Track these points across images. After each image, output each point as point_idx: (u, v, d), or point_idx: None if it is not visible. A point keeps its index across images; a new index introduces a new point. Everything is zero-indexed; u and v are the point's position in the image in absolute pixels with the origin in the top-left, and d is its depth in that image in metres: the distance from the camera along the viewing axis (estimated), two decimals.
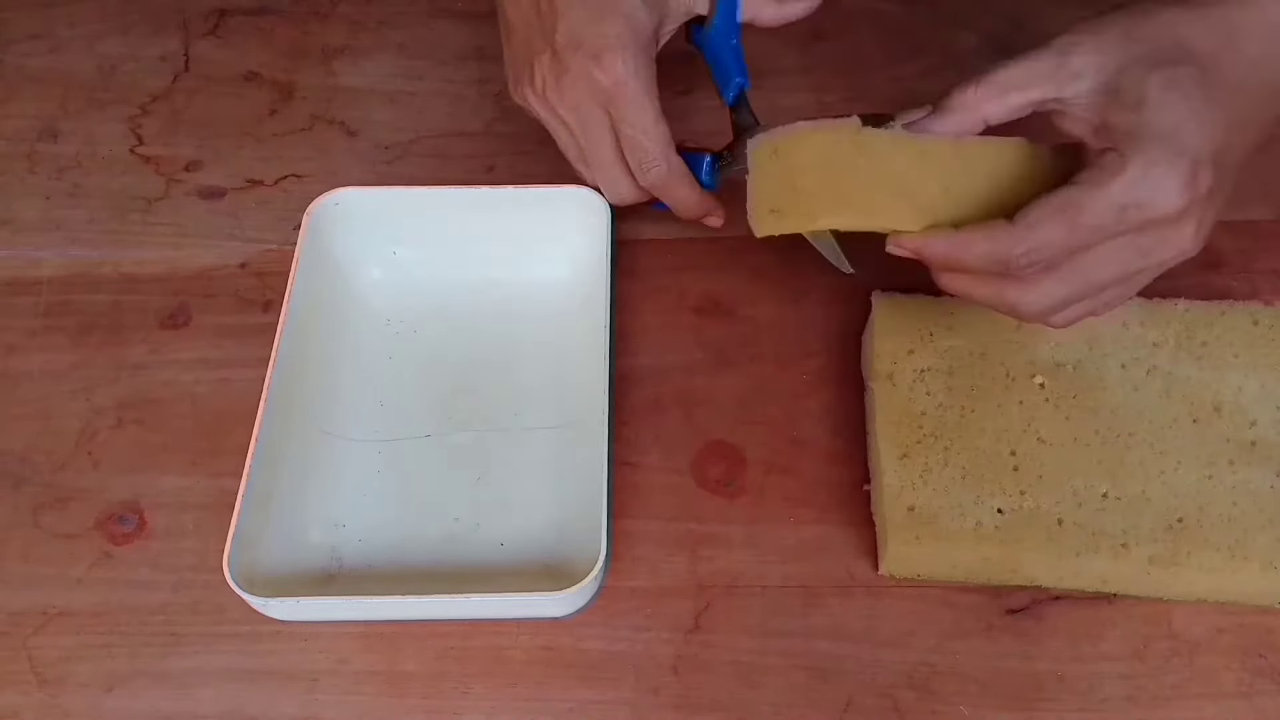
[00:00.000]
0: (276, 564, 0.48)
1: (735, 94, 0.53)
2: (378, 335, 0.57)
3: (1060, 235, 0.41)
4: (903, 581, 0.49)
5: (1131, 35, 0.41)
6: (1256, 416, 0.50)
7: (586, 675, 0.47)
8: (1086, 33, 0.42)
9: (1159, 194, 0.40)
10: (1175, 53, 0.40)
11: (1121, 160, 0.40)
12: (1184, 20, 0.41)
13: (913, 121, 0.44)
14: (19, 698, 0.47)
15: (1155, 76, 0.40)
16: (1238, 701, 0.46)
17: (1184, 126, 0.40)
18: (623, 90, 0.49)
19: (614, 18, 0.48)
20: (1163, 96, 0.40)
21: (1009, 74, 0.43)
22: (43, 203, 0.63)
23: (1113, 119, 0.41)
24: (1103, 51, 0.41)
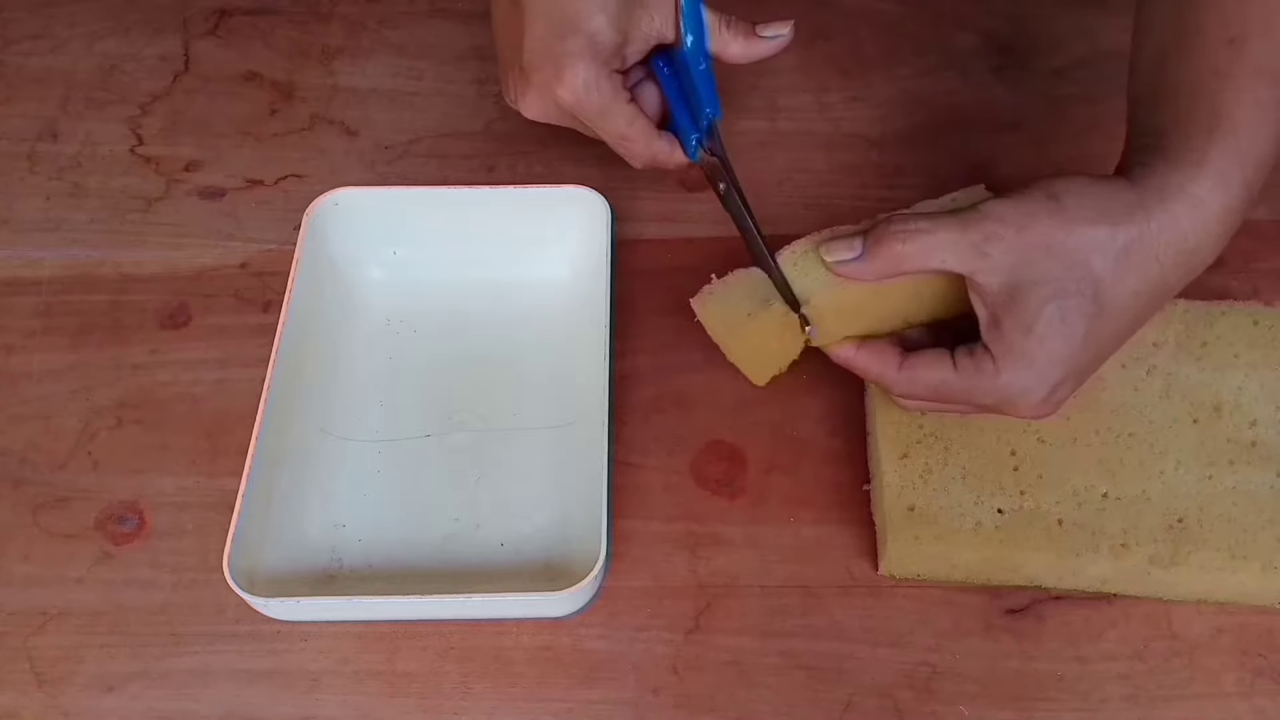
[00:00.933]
0: (276, 564, 0.48)
1: (707, 124, 0.52)
2: (378, 335, 0.57)
3: (930, 397, 0.47)
4: (902, 581, 0.49)
5: (1051, 250, 0.42)
6: (1256, 417, 0.50)
7: (586, 675, 0.47)
8: (1011, 228, 0.43)
9: (1017, 406, 0.45)
10: (1079, 280, 0.43)
11: (995, 371, 0.44)
12: (1100, 243, 0.42)
13: (840, 262, 0.46)
14: (19, 698, 0.47)
15: (1051, 309, 0.43)
16: (1238, 701, 0.46)
17: (1057, 360, 0.43)
18: (585, 105, 0.50)
19: (575, 35, 0.48)
20: (1050, 329, 0.43)
21: (935, 242, 0.44)
22: (43, 203, 0.63)
23: (1005, 328, 0.44)
24: (1019, 257, 0.43)
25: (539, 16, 0.49)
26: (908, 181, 0.63)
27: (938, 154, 0.64)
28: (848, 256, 0.46)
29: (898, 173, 0.63)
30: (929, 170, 0.63)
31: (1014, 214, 0.43)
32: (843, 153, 0.64)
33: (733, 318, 0.49)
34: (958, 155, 0.64)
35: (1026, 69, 0.67)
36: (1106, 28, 0.68)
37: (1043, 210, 0.43)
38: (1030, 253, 0.43)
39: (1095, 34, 0.68)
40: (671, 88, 0.53)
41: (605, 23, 0.48)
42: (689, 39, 0.50)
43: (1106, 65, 0.67)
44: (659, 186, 0.62)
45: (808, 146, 0.64)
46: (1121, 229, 0.42)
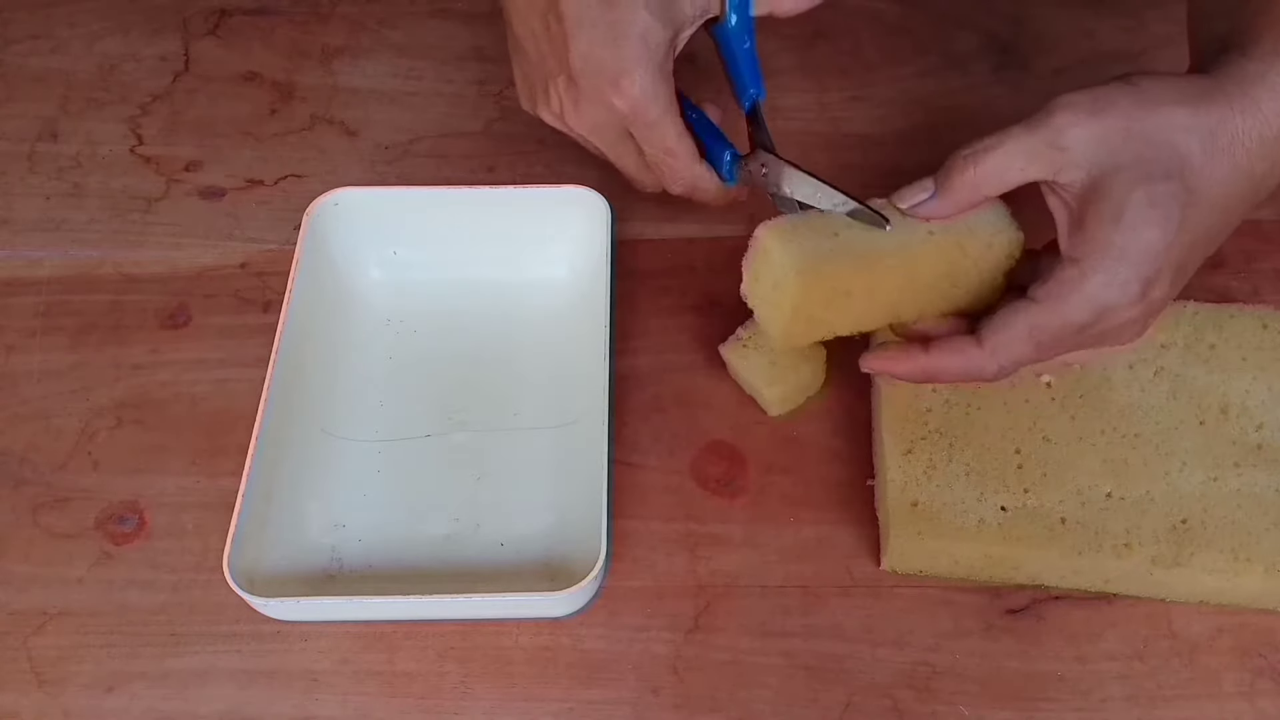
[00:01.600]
0: (276, 564, 0.48)
1: (750, 105, 0.52)
2: (378, 335, 0.57)
3: (1027, 352, 0.44)
4: (903, 581, 0.49)
5: (1132, 133, 0.41)
6: (1263, 420, 0.50)
7: (586, 675, 0.47)
8: (1085, 113, 0.41)
9: (1115, 312, 0.42)
10: (1167, 163, 0.41)
11: (1081, 276, 0.42)
12: (1182, 124, 0.41)
13: (916, 205, 0.45)
14: (19, 698, 0.47)
15: (1140, 193, 0.40)
16: (1238, 701, 0.46)
17: (1151, 249, 0.41)
18: (641, 114, 0.49)
19: (629, 40, 0.47)
20: (1141, 215, 0.40)
21: (1006, 154, 0.42)
22: (43, 203, 0.63)
23: (1090, 224, 0.41)
24: (1100, 144, 0.41)
25: (584, 24, 0.47)
26: (908, 181, 0.62)
27: (938, 154, 0.63)
28: (921, 197, 0.44)
29: (898, 173, 0.63)
30: (929, 170, 0.62)
31: (1086, 100, 0.41)
32: (843, 153, 0.64)
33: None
34: None
35: (1026, 69, 0.67)
36: (1106, 28, 0.68)
37: (1119, 94, 0.41)
38: (1110, 137, 0.41)
39: (1095, 34, 0.68)
40: (700, 126, 0.53)
41: (651, 20, 0.47)
42: (733, 17, 0.50)
43: (1106, 65, 0.67)
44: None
45: (808, 146, 0.64)
46: (1204, 110, 0.41)
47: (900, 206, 0.45)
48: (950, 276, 0.47)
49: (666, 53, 0.49)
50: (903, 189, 0.45)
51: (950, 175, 0.44)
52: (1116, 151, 0.41)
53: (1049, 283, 0.42)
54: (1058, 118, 0.42)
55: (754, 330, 0.53)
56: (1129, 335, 0.43)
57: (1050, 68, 0.67)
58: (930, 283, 0.47)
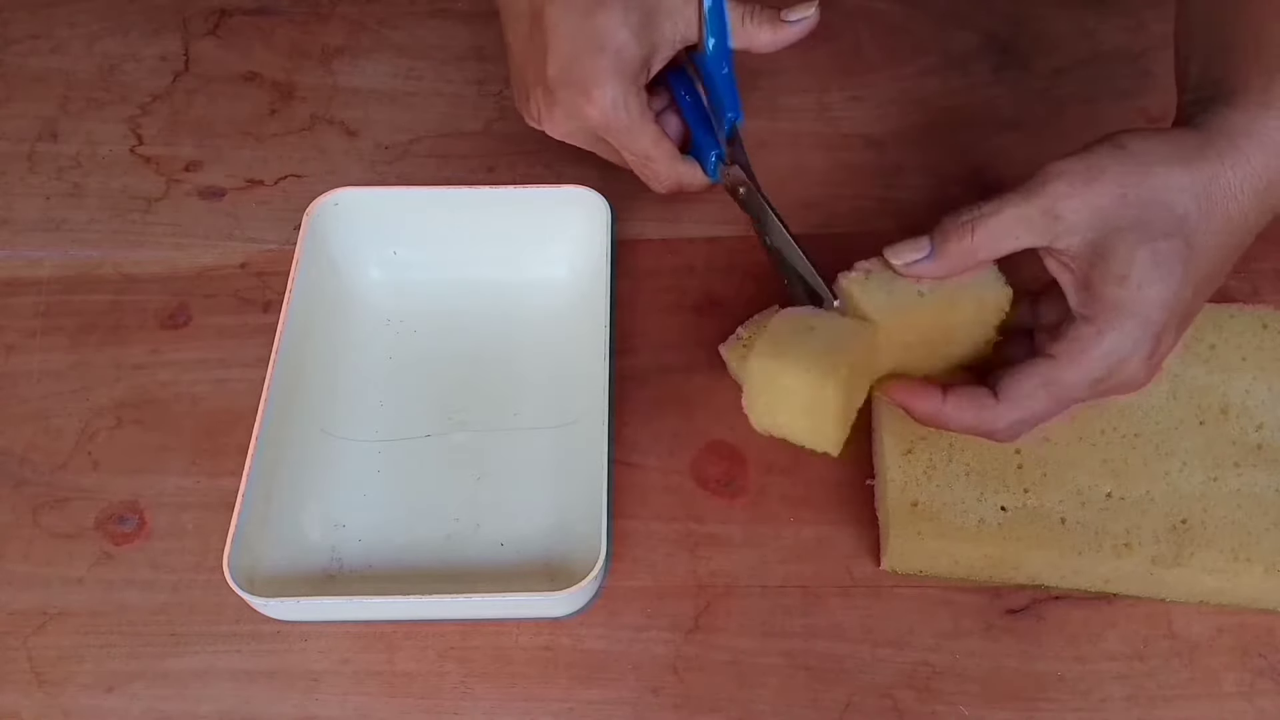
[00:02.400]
0: (276, 564, 0.48)
1: (729, 128, 0.53)
2: (378, 335, 0.57)
3: (1041, 406, 0.44)
4: (903, 580, 0.49)
5: (1128, 199, 0.41)
6: (1263, 420, 0.49)
7: (586, 675, 0.47)
8: (1079, 183, 0.42)
9: (1127, 368, 0.43)
10: (1165, 223, 0.41)
11: (1098, 334, 0.42)
12: (1176, 184, 0.41)
13: (910, 264, 0.45)
14: (19, 698, 0.47)
15: (1143, 252, 0.41)
16: (1238, 701, 0.46)
17: (1159, 307, 0.42)
18: (612, 124, 0.50)
19: (602, 53, 0.48)
20: (1147, 274, 0.41)
21: (1002, 222, 0.43)
22: (43, 203, 0.63)
23: (1097, 285, 0.42)
24: (1096, 211, 0.41)
25: (563, 37, 0.48)
26: (908, 181, 0.63)
27: (938, 154, 0.64)
28: (916, 257, 0.45)
29: (898, 173, 0.63)
30: (929, 170, 0.63)
31: (1079, 168, 0.42)
32: (843, 153, 0.64)
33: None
34: (958, 155, 0.64)
35: (1026, 69, 0.67)
36: (1106, 28, 0.68)
37: (1110, 160, 0.42)
38: (1105, 205, 0.41)
39: (1095, 34, 0.68)
40: (691, 112, 0.54)
41: (629, 37, 0.48)
42: (711, 41, 0.51)
43: (1106, 65, 0.67)
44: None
45: (808, 146, 0.64)
46: (1196, 168, 0.41)
47: (895, 263, 0.45)
48: (945, 334, 0.48)
49: (639, 68, 0.50)
50: (898, 245, 0.45)
51: (947, 240, 0.44)
52: (1114, 217, 0.41)
53: (1063, 340, 0.43)
54: (1052, 187, 0.42)
55: (754, 330, 0.53)
56: (1138, 384, 0.44)
57: (1050, 68, 0.67)
58: (926, 342, 0.48)
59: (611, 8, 0.48)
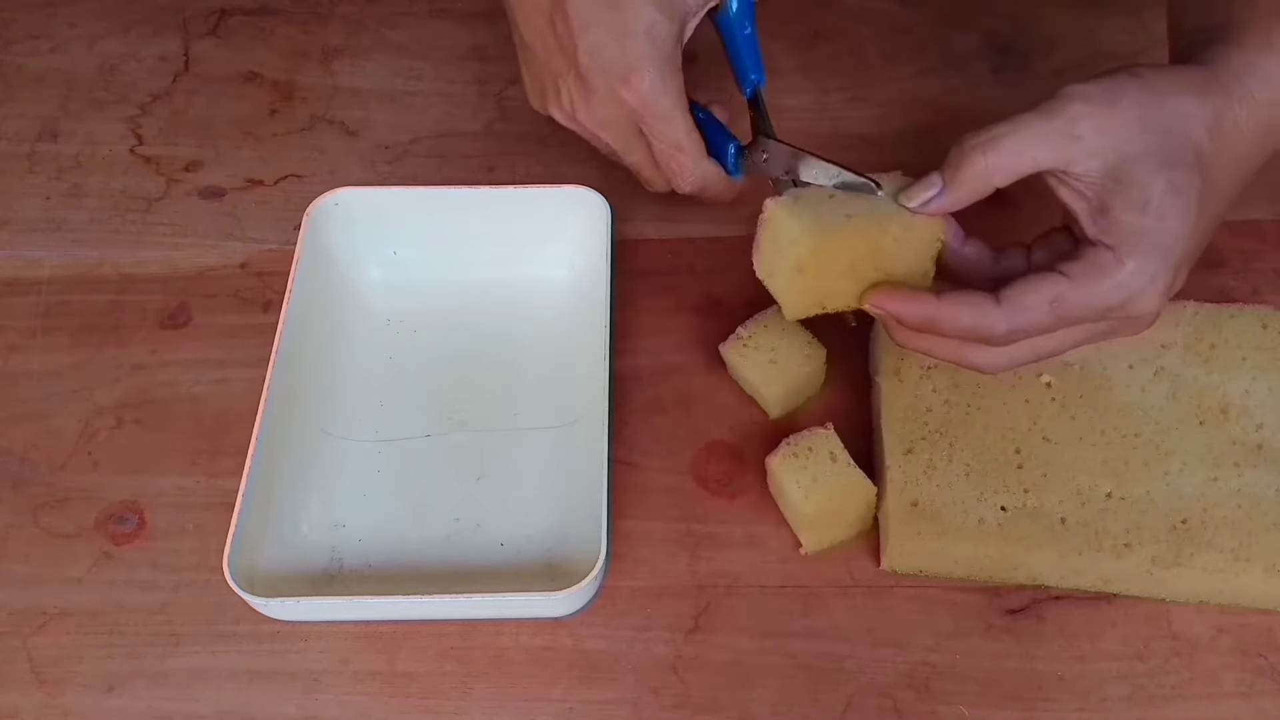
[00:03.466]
0: (276, 564, 0.48)
1: (751, 91, 0.52)
2: (378, 335, 0.57)
3: (1044, 321, 0.43)
4: (902, 581, 0.49)
5: (1146, 123, 0.41)
6: (1263, 420, 0.49)
7: (586, 675, 0.47)
8: (1099, 104, 0.41)
9: (1142, 299, 0.42)
10: (1183, 151, 0.41)
11: (1117, 262, 0.41)
12: (1192, 113, 0.41)
13: (925, 202, 0.44)
14: (19, 698, 0.47)
15: (1162, 180, 0.41)
16: (1238, 701, 0.46)
17: (1177, 237, 0.41)
18: (652, 109, 0.49)
19: (636, 36, 0.47)
20: (1166, 203, 0.41)
21: (1021, 141, 0.42)
22: (43, 203, 0.63)
23: (1116, 211, 0.41)
24: (1116, 135, 0.41)
25: (590, 24, 0.47)
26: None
27: (938, 154, 0.63)
28: (930, 194, 0.44)
29: None
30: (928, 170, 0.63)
31: (1098, 91, 0.42)
32: (843, 153, 0.63)
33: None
34: None
35: (1026, 69, 0.67)
36: (1106, 28, 0.68)
37: (1129, 84, 0.42)
38: (1126, 127, 0.41)
39: (1095, 34, 0.68)
40: (708, 124, 0.53)
41: (656, 13, 0.47)
42: (734, 3, 0.50)
43: (1106, 65, 0.66)
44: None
45: (807, 146, 0.64)
46: (1207, 100, 0.41)
47: (909, 206, 0.45)
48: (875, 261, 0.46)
49: (674, 46, 0.49)
50: (910, 188, 0.45)
51: (961, 166, 0.43)
52: (1132, 140, 0.41)
53: (1080, 262, 0.42)
54: (1072, 107, 0.41)
55: (754, 330, 0.53)
56: (1143, 325, 0.43)
57: (1050, 68, 0.67)
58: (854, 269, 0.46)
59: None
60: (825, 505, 0.48)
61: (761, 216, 0.47)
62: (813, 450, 0.49)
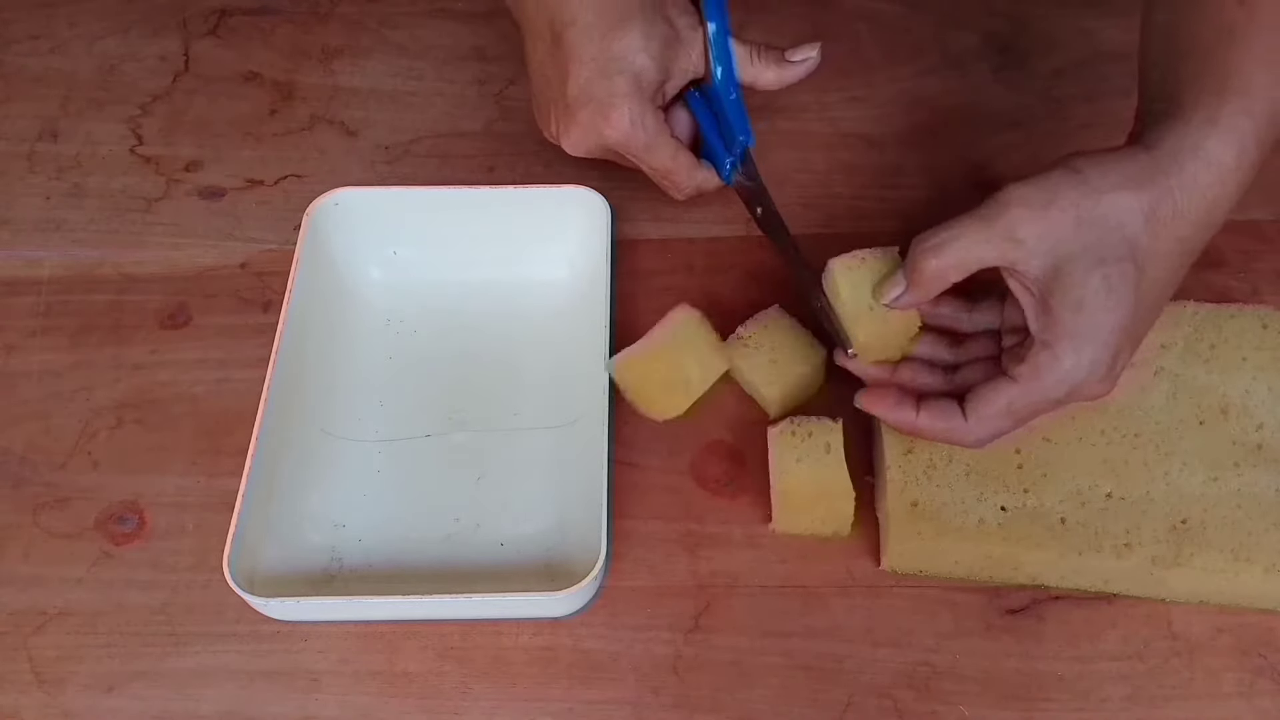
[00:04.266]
0: (276, 564, 0.48)
1: (740, 152, 0.54)
2: (378, 335, 0.57)
3: (1006, 424, 0.46)
4: (903, 581, 0.49)
5: (1082, 221, 0.43)
6: (1263, 420, 0.50)
7: (586, 675, 0.47)
8: (1036, 207, 0.43)
9: (1087, 386, 0.44)
10: (1117, 246, 0.43)
11: (1054, 359, 0.44)
12: (1127, 207, 0.43)
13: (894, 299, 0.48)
14: (19, 698, 0.47)
15: (1096, 278, 0.43)
16: (1238, 701, 0.46)
17: (1112, 329, 0.43)
18: (631, 142, 0.51)
19: (620, 75, 0.50)
20: (1099, 300, 0.43)
21: (965, 246, 0.44)
22: (43, 203, 0.63)
23: (1055, 309, 0.44)
24: (1053, 236, 0.43)
25: (584, 58, 0.50)
26: (908, 181, 0.63)
27: (938, 154, 0.64)
28: (896, 292, 0.47)
29: (898, 173, 0.63)
30: (929, 170, 0.63)
31: (1036, 193, 0.43)
32: (843, 153, 0.64)
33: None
34: (958, 155, 0.64)
35: (1026, 69, 0.67)
36: (1106, 28, 0.68)
37: (1065, 184, 0.43)
38: (1061, 228, 0.43)
39: (1095, 34, 0.68)
40: (704, 114, 0.54)
41: (648, 62, 0.50)
42: (718, 70, 0.53)
43: (1106, 65, 0.67)
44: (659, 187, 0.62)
45: (808, 146, 0.64)
46: (1145, 192, 0.43)
47: (883, 302, 0.48)
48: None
49: (656, 90, 0.51)
50: (881, 285, 0.48)
51: (916, 268, 0.46)
52: (1068, 240, 0.43)
53: (1024, 364, 0.45)
54: (1011, 211, 0.43)
55: (754, 330, 0.53)
56: (1097, 396, 0.46)
57: (1050, 68, 0.67)
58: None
59: (631, 33, 0.50)
60: (799, 489, 0.48)
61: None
62: (812, 435, 0.49)
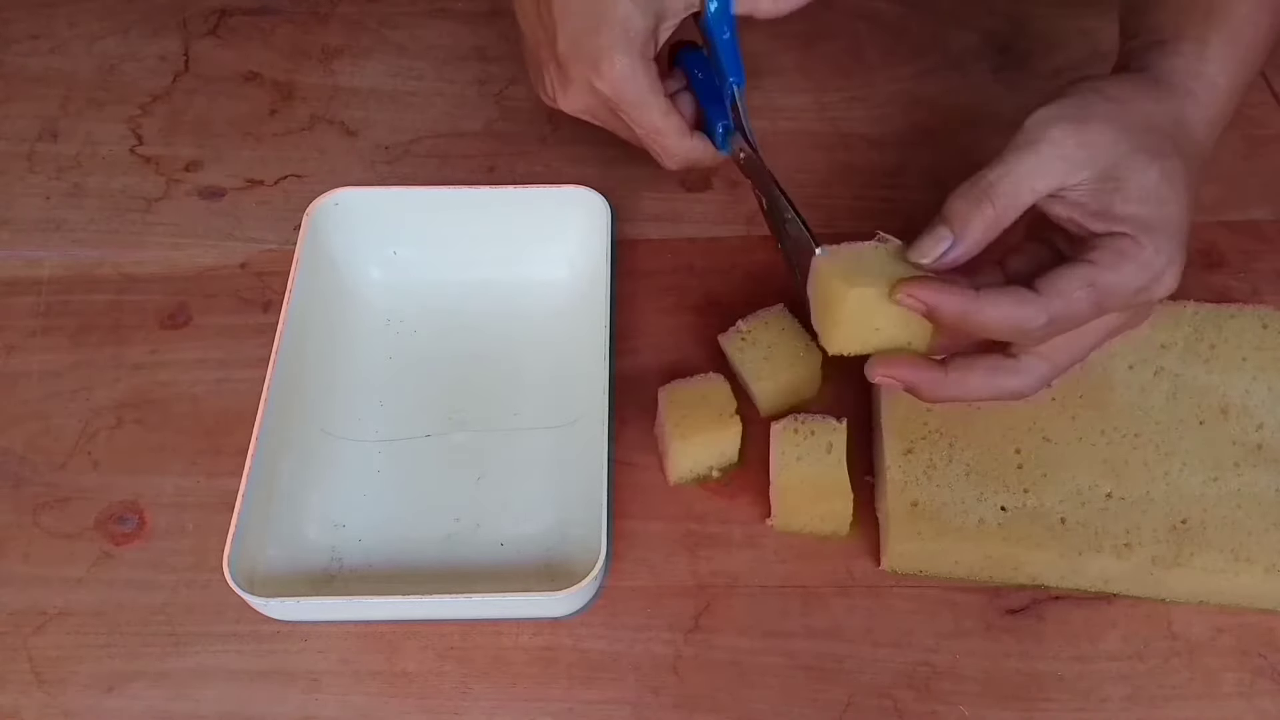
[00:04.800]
0: (276, 564, 0.48)
1: (730, 94, 0.53)
2: (378, 335, 0.57)
3: (1082, 308, 0.42)
4: (903, 580, 0.49)
5: (1123, 125, 0.43)
6: (1263, 420, 0.50)
7: (586, 675, 0.47)
8: (1074, 121, 0.43)
9: (1164, 279, 0.43)
10: (1162, 145, 0.43)
11: (1137, 245, 0.42)
12: (1155, 112, 0.44)
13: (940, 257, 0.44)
14: (19, 698, 0.47)
15: (1155, 171, 0.43)
16: (1238, 701, 0.46)
17: (1179, 220, 0.43)
18: (623, 95, 0.50)
19: (609, 27, 0.49)
20: (1163, 191, 0.43)
21: (1016, 179, 0.43)
22: (43, 203, 0.63)
23: (1119, 208, 0.43)
24: (1098, 144, 0.43)
25: (570, 14, 0.49)
26: (908, 181, 0.63)
27: (938, 154, 0.64)
28: (942, 248, 0.44)
29: (898, 173, 0.63)
30: (929, 170, 0.63)
31: (1069, 110, 0.44)
32: (843, 153, 0.64)
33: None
34: (958, 155, 0.64)
35: (1026, 69, 0.67)
36: (1106, 28, 0.68)
37: (1093, 98, 0.44)
38: (1104, 135, 0.43)
39: (1095, 34, 0.68)
40: (703, 89, 0.53)
41: (633, 8, 0.49)
42: (712, 5, 0.51)
43: (1106, 65, 0.66)
44: (659, 186, 0.62)
45: (808, 146, 0.64)
46: (1165, 103, 0.45)
47: (923, 262, 0.44)
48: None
49: (647, 40, 0.50)
50: (918, 242, 0.44)
51: (968, 220, 0.43)
52: (1115, 143, 0.43)
53: (1102, 250, 0.43)
54: (1051, 131, 0.43)
55: (754, 325, 0.53)
56: (1148, 313, 0.45)
57: (1050, 68, 0.67)
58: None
59: None
60: (798, 487, 0.48)
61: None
62: (814, 434, 0.49)
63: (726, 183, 0.62)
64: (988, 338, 0.44)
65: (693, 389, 0.51)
